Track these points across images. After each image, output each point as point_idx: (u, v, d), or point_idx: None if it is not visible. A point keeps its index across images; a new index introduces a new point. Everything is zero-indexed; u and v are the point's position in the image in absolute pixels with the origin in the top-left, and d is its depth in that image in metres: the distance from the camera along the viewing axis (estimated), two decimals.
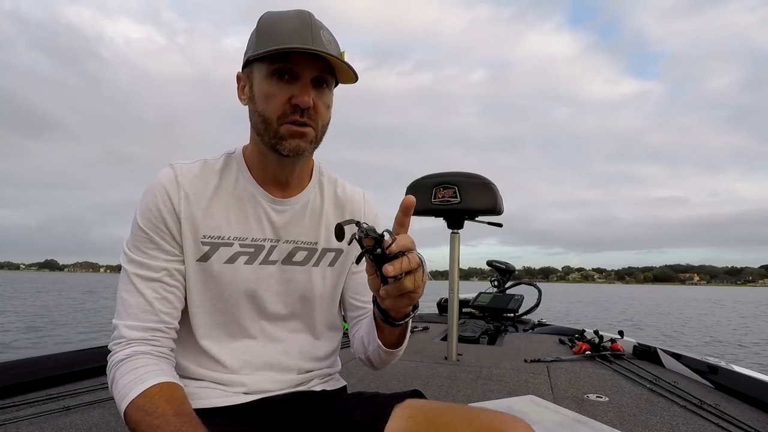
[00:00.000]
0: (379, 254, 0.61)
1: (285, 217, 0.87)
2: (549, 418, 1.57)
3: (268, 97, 0.77)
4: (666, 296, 55.92)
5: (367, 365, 0.95)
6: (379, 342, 0.84)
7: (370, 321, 0.86)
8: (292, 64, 0.76)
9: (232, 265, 0.83)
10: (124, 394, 0.69)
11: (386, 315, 0.77)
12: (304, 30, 0.75)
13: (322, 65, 0.77)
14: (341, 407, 0.86)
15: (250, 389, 0.84)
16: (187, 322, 0.84)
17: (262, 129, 0.79)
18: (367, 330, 0.88)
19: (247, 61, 0.80)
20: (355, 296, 0.97)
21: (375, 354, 0.88)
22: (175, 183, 0.81)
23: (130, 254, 0.80)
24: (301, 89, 0.76)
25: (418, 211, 2.58)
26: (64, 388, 1.71)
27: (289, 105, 0.76)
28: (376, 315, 0.80)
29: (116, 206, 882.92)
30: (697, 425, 1.59)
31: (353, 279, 0.97)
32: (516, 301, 4.10)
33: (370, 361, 0.93)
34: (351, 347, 1.00)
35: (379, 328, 0.83)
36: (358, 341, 0.94)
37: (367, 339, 0.88)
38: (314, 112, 0.78)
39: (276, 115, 0.77)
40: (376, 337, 0.84)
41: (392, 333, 0.83)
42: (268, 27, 0.77)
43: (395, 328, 0.80)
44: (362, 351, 0.93)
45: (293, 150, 0.79)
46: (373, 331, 0.85)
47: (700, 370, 2.21)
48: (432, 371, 2.31)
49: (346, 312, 1.00)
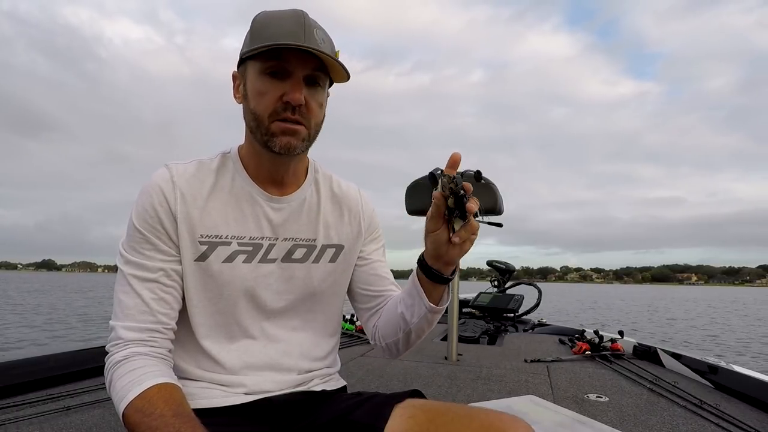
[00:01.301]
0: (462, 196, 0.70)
1: (282, 214, 0.87)
2: (549, 418, 1.56)
3: (260, 95, 0.77)
4: (667, 296, 55.91)
5: (393, 351, 0.94)
6: (429, 305, 0.83)
7: (410, 294, 0.85)
8: (284, 61, 0.76)
9: (231, 264, 0.83)
10: (122, 395, 0.69)
11: (436, 276, 0.80)
12: (297, 28, 0.75)
13: (314, 64, 0.77)
14: (341, 407, 0.85)
15: (250, 390, 0.84)
16: (186, 323, 0.83)
17: (254, 126, 0.79)
18: (406, 304, 0.87)
19: (241, 59, 0.80)
20: (366, 287, 0.97)
21: (422, 322, 0.86)
22: (171, 183, 0.81)
23: (126, 255, 0.79)
24: (292, 87, 0.76)
25: (418, 211, 2.58)
26: (64, 388, 1.71)
27: (280, 102, 0.76)
28: (422, 279, 0.82)
29: (114, 206, 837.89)
30: (697, 425, 1.59)
31: (362, 271, 0.97)
32: (516, 301, 4.10)
33: (407, 338, 0.90)
34: (371, 338, 0.99)
35: (427, 291, 0.83)
36: (393, 321, 0.91)
37: (409, 312, 0.86)
38: (306, 110, 0.78)
39: (267, 113, 0.77)
40: (425, 302, 0.82)
41: (438, 291, 0.84)
42: (262, 25, 0.77)
43: (442, 286, 0.83)
44: (400, 328, 0.89)
45: (284, 147, 0.79)
46: (417, 299, 0.83)
47: (700, 370, 2.21)
48: (432, 371, 2.31)
49: (357, 305, 1.00)
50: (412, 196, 2.59)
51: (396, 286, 0.99)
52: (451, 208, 0.71)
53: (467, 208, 0.70)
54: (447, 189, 0.69)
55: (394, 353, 0.95)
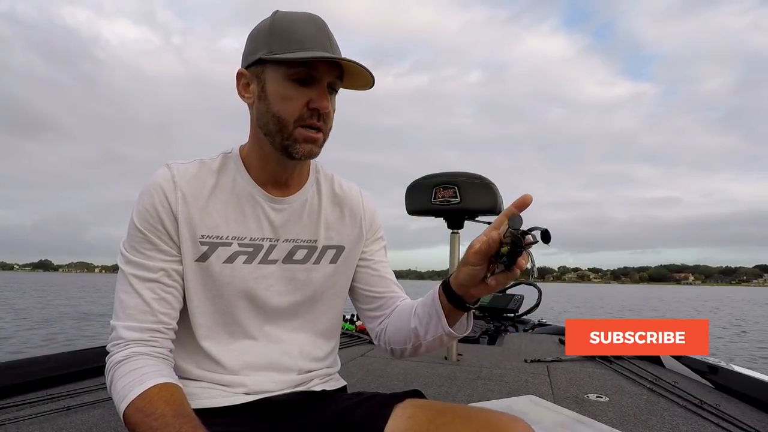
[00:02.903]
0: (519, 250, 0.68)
1: (283, 216, 0.87)
2: (549, 418, 1.57)
3: (285, 100, 0.77)
4: (666, 296, 55.81)
5: (398, 355, 0.94)
6: (448, 329, 0.82)
7: (428, 312, 0.84)
8: (313, 69, 0.76)
9: (231, 265, 0.83)
10: (123, 395, 0.69)
11: (458, 302, 0.79)
12: (322, 36, 0.77)
13: (338, 72, 0.79)
14: (341, 407, 0.86)
15: (251, 389, 0.84)
16: (186, 324, 0.83)
17: (275, 130, 0.79)
18: (421, 321, 0.86)
19: (259, 59, 0.79)
20: (369, 288, 0.97)
21: (435, 342, 0.87)
22: (172, 183, 0.81)
23: (127, 255, 0.80)
24: (320, 94, 0.77)
25: (418, 211, 2.58)
26: (64, 388, 1.71)
27: (306, 109, 0.77)
28: (444, 303, 0.81)
29: (111, 206, 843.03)
30: (697, 425, 1.59)
31: (364, 272, 0.97)
32: (516, 301, 4.09)
33: (415, 350, 0.91)
34: (375, 339, 0.99)
35: (448, 315, 0.82)
36: (404, 332, 0.90)
37: (423, 329, 0.86)
38: (326, 117, 0.80)
39: (293, 118, 0.78)
40: (443, 325, 0.82)
41: (456, 316, 0.83)
42: (285, 29, 0.77)
43: (462, 313, 0.82)
44: (410, 341, 0.89)
45: (306, 154, 0.80)
46: (435, 319, 0.83)
47: (700, 370, 2.21)
48: (432, 371, 2.31)
49: (359, 305, 1.00)
50: (412, 196, 2.59)
51: (398, 287, 0.99)
52: (501, 254, 0.70)
53: (518, 263, 0.69)
54: (508, 237, 0.68)
55: (397, 356, 0.96)
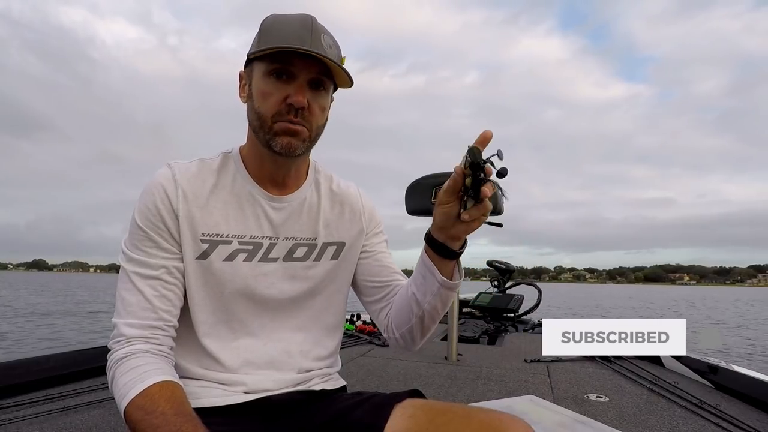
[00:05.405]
0: (480, 179, 0.69)
1: (283, 214, 0.88)
2: (549, 418, 1.57)
3: (264, 96, 0.79)
4: (665, 295, 55.78)
5: (408, 340, 0.91)
6: (441, 278, 0.81)
7: (420, 272, 0.84)
8: (290, 64, 0.77)
9: (232, 263, 0.84)
10: (124, 393, 0.69)
11: (444, 249, 0.79)
12: (304, 33, 0.76)
13: (318, 68, 0.78)
14: (341, 407, 0.86)
15: (250, 388, 0.84)
16: (187, 322, 0.84)
17: (258, 126, 0.81)
18: (417, 284, 0.85)
19: (248, 59, 0.82)
20: (373, 278, 0.96)
21: (435, 300, 0.84)
22: (173, 182, 0.82)
23: (129, 253, 0.80)
24: (296, 89, 0.77)
25: (418, 211, 2.58)
26: (64, 388, 1.71)
27: (284, 104, 0.78)
28: (431, 255, 0.81)
29: (107, 206, 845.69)
30: (697, 425, 1.59)
31: (367, 263, 0.97)
32: (516, 301, 4.10)
33: (421, 323, 0.88)
34: (384, 331, 0.96)
35: (437, 266, 0.81)
36: (405, 306, 0.89)
37: (420, 291, 0.85)
38: (308, 113, 0.79)
39: (271, 113, 0.78)
40: (436, 277, 0.81)
41: (449, 266, 0.82)
42: (270, 28, 0.79)
43: (452, 262, 0.81)
44: (413, 313, 0.87)
45: (285, 147, 0.79)
46: (429, 275, 0.82)
47: (700, 370, 2.21)
48: (432, 371, 2.31)
49: (365, 299, 0.99)
50: (412, 196, 2.59)
51: (402, 276, 0.98)
52: (467, 186, 0.71)
53: (481, 191, 0.71)
54: (468, 168, 0.69)
55: (409, 344, 0.92)
